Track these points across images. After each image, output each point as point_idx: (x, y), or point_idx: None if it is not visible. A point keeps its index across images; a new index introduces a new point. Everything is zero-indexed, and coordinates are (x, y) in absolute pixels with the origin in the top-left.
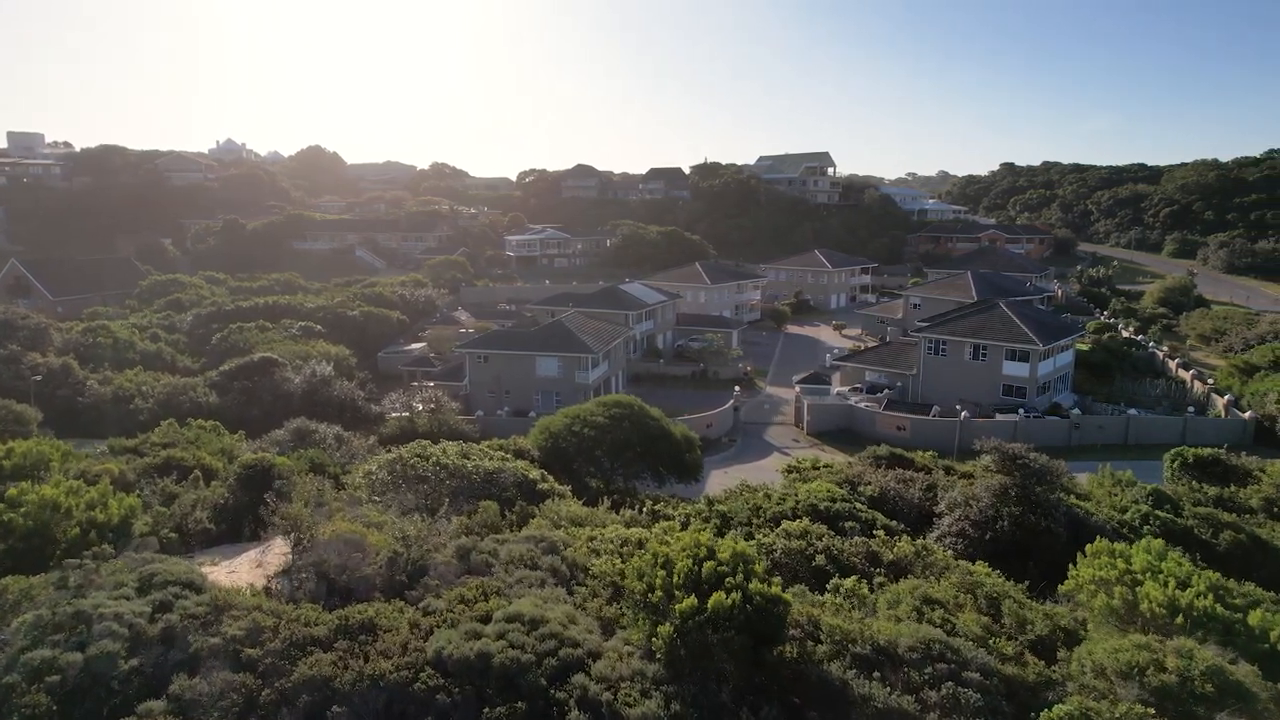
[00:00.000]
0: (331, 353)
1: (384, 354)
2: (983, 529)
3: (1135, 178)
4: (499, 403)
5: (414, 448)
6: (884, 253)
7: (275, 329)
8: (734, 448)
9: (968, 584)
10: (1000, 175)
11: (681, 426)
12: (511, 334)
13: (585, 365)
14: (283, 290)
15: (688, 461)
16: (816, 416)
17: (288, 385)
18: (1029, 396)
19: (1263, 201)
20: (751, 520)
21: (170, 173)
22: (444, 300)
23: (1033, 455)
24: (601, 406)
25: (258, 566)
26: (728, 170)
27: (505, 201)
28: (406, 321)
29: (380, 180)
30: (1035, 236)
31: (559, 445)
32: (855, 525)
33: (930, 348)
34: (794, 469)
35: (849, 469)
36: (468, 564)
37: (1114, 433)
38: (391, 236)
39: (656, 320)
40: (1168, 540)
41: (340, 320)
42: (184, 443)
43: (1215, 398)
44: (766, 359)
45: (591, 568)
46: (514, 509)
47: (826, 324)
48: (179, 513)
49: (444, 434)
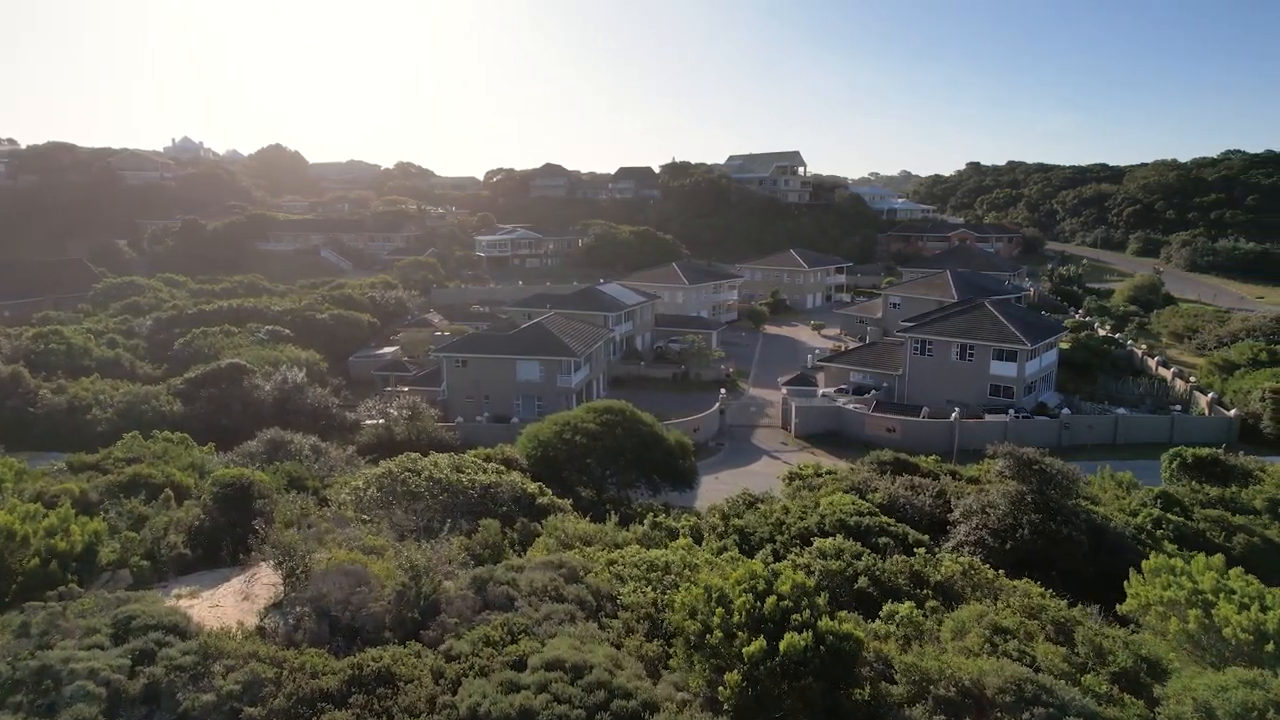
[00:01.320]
0: (302, 358)
1: (355, 358)
2: (1002, 538)
3: (1098, 177)
4: (478, 408)
5: (404, 461)
6: (856, 252)
7: (241, 333)
8: (722, 452)
9: (1030, 608)
10: (966, 175)
11: (675, 432)
12: (490, 337)
13: (568, 369)
14: (247, 292)
15: (682, 469)
16: (805, 419)
17: (258, 393)
18: (1016, 396)
19: (1221, 201)
20: (775, 537)
21: (124, 171)
22: (415, 302)
23: (1048, 460)
24: (592, 413)
25: (244, 599)
26: (698, 170)
27: (473, 201)
28: (377, 324)
29: (343, 180)
30: (1004, 235)
31: (549, 454)
32: (890, 542)
33: (916, 348)
34: (796, 476)
35: (853, 475)
36: (485, 596)
37: (1103, 432)
38: (358, 237)
39: (635, 321)
40: (1180, 545)
41: (309, 324)
42: (151, 457)
43: (1198, 396)
44: (747, 360)
45: (620, 596)
46: (515, 526)
47: (804, 324)
48: (150, 537)
49: (423, 442)
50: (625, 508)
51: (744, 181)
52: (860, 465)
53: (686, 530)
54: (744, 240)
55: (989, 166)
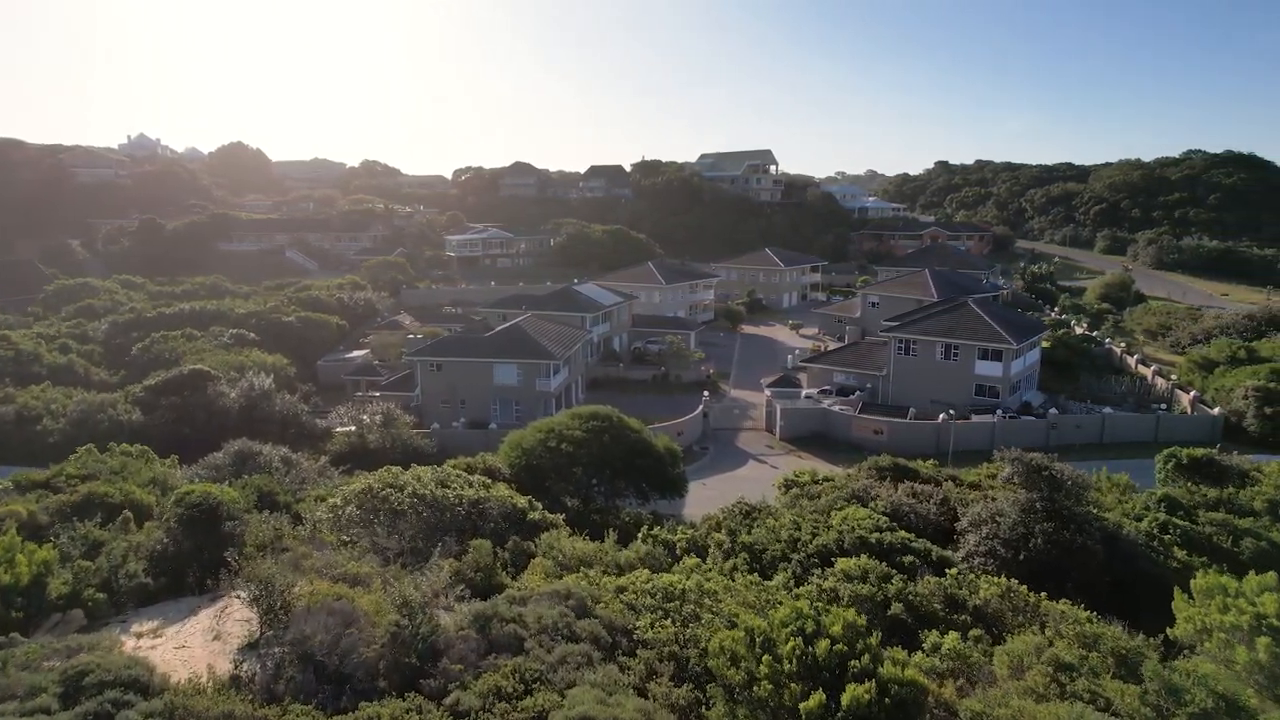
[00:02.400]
0: (268, 362)
1: (324, 362)
2: (1014, 548)
3: (1065, 176)
4: (454, 414)
5: (385, 477)
6: (829, 251)
7: (204, 337)
8: (707, 456)
9: (1084, 637)
10: (935, 174)
11: (664, 438)
12: (466, 340)
13: (546, 372)
14: (209, 294)
15: (672, 476)
16: (790, 421)
17: (223, 401)
18: (1002, 396)
19: (1185, 200)
20: (789, 555)
21: (77, 169)
22: (385, 304)
23: (1057, 466)
24: (577, 419)
25: (215, 638)
26: (670, 168)
27: (441, 200)
28: (346, 327)
29: (308, 179)
30: (975, 234)
31: (533, 463)
32: (916, 560)
33: (900, 348)
34: (793, 484)
35: (852, 482)
36: (489, 636)
37: (1090, 432)
38: (324, 237)
39: (613, 322)
40: (1189, 550)
41: (275, 327)
42: (107, 473)
43: (1179, 394)
44: (726, 361)
45: (637, 631)
46: (506, 546)
47: (781, 323)
48: (107, 566)
49: (398, 450)
50: (614, 518)
51: (716, 180)
52: (858, 471)
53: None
54: (717, 239)
55: (957, 166)
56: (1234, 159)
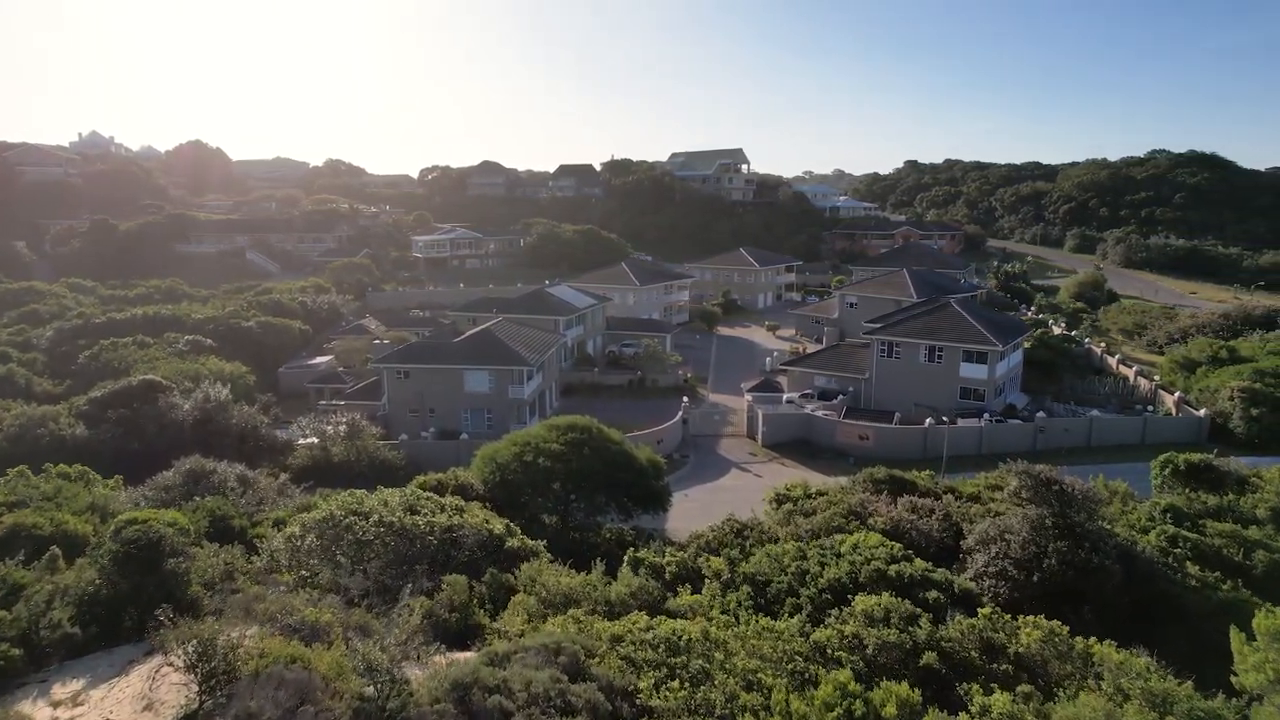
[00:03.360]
0: (226, 371)
1: (286, 370)
2: (1027, 568)
3: (1033, 175)
4: (423, 423)
5: (349, 502)
6: (801, 250)
7: (157, 344)
8: (688, 465)
9: (1152, 695)
10: (905, 173)
11: (646, 450)
12: (435, 346)
13: (519, 379)
14: (165, 299)
15: (655, 490)
16: (772, 427)
17: (175, 413)
18: (987, 399)
19: (1151, 199)
20: (798, 589)
21: (23, 167)
22: (350, 307)
23: (1067, 479)
24: (554, 431)
25: (146, 707)
26: (641, 167)
27: (408, 200)
28: (309, 332)
29: (270, 178)
30: (946, 233)
31: (507, 478)
32: (941, 597)
33: (883, 350)
34: (784, 498)
35: (847, 496)
36: (470, 709)
37: (1078, 435)
38: (286, 238)
39: (587, 325)
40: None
41: (234, 333)
42: (39, 499)
43: (1163, 395)
44: (703, 364)
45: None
46: (483, 579)
47: (758, 324)
48: (26, 615)
49: (364, 463)
50: (595, 535)
51: (687, 179)
52: (853, 484)
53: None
54: (689, 238)
55: (927, 165)
56: (1198, 159)
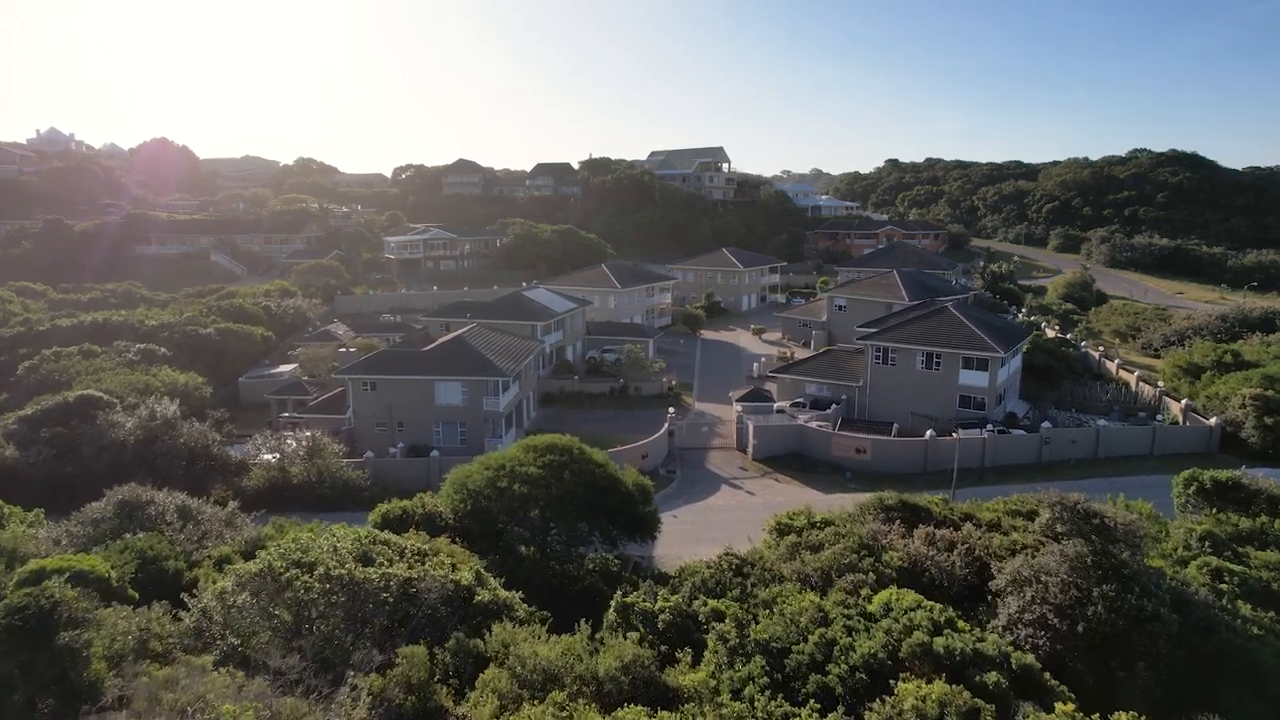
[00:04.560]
0: (180, 382)
1: (247, 379)
2: (1069, 617)
3: (1015, 174)
4: (391, 438)
5: (291, 549)
6: (784, 250)
7: (106, 354)
8: (676, 482)
9: None
10: (886, 172)
11: (632, 472)
12: (404, 355)
13: (495, 390)
14: (120, 303)
15: (643, 516)
16: (764, 440)
17: (117, 432)
18: (988, 408)
19: (1134, 198)
20: (821, 662)
21: None
22: (317, 312)
23: (1108, 511)
24: (531, 453)
25: None
26: (620, 166)
27: (381, 199)
28: (273, 339)
29: (239, 177)
30: (930, 232)
31: (480, 506)
32: (1001, 680)
33: (878, 357)
34: (786, 529)
35: (857, 526)
36: None
37: (1084, 446)
38: (253, 239)
39: (566, 330)
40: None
41: (191, 340)
42: None
43: (1169, 402)
44: (687, 369)
45: None
46: (447, 645)
47: (742, 327)
48: None
49: (325, 484)
50: (576, 566)
51: (667, 178)
52: (862, 513)
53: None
54: (670, 238)
55: (908, 164)
56: (1179, 158)
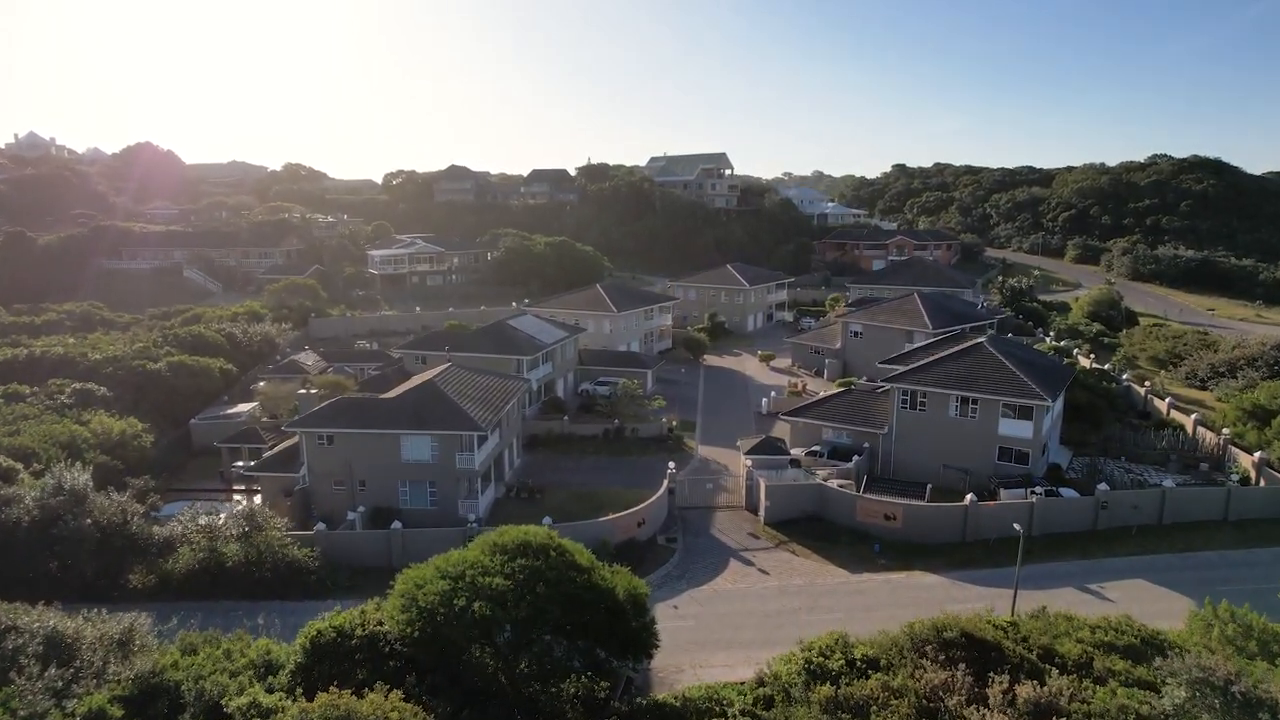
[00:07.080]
0: (114, 432)
1: (200, 421)
2: None
3: (1028, 180)
4: (352, 499)
5: None
6: (790, 261)
7: (35, 396)
8: (676, 555)
9: None
10: (893, 177)
11: (624, 575)
12: (366, 404)
13: (469, 445)
14: (77, 325)
15: (636, 633)
16: (777, 502)
17: (12, 510)
18: (1032, 461)
19: (1156, 207)
20: None
21: None
22: (287, 338)
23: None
24: (499, 556)
25: None
26: (618, 172)
27: (370, 207)
28: (234, 372)
29: (225, 182)
30: (942, 241)
31: (435, 624)
32: None
33: (905, 401)
34: (819, 671)
35: (907, 677)
36: None
37: (1149, 511)
38: (230, 252)
39: (556, 362)
40: None
41: (138, 378)
42: None
43: (1237, 453)
44: (689, 403)
45: None
46: None
47: (749, 352)
48: None
49: (267, 567)
50: (553, 692)
51: (668, 185)
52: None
53: None
54: (670, 248)
55: (915, 169)
56: (1202, 164)
